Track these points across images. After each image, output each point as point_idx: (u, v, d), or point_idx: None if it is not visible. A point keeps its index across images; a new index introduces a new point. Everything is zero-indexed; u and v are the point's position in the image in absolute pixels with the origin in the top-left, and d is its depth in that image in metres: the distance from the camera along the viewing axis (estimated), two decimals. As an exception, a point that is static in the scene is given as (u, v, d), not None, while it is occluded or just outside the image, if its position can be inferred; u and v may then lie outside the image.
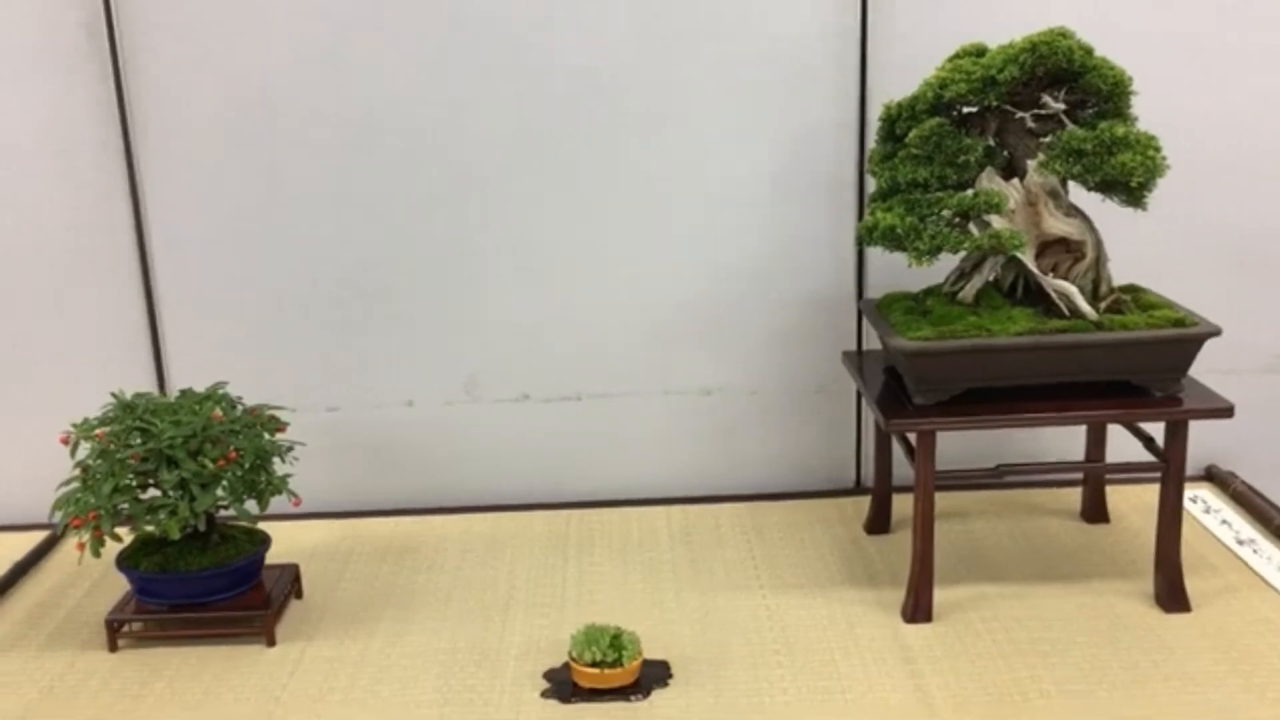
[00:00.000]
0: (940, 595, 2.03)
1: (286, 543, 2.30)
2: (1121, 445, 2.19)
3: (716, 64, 2.33)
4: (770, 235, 2.41)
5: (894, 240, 1.91)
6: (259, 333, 2.43)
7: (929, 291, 2.11)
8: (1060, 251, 2.02)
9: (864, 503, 2.38)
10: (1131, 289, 2.09)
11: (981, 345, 1.91)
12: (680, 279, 2.44)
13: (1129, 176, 1.83)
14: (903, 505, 2.28)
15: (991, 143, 1.96)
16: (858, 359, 2.30)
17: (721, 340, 2.47)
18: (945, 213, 1.90)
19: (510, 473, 2.50)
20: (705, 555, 2.28)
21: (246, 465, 1.96)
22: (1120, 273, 2.08)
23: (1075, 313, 1.95)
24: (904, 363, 1.98)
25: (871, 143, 2.12)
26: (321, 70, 2.32)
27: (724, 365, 2.49)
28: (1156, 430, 2.02)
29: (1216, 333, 1.92)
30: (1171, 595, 2.00)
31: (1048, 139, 1.93)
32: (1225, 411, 1.93)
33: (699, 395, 2.50)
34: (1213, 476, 2.51)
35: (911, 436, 1.97)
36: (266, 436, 2.04)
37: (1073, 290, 1.95)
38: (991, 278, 2.03)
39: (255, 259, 2.40)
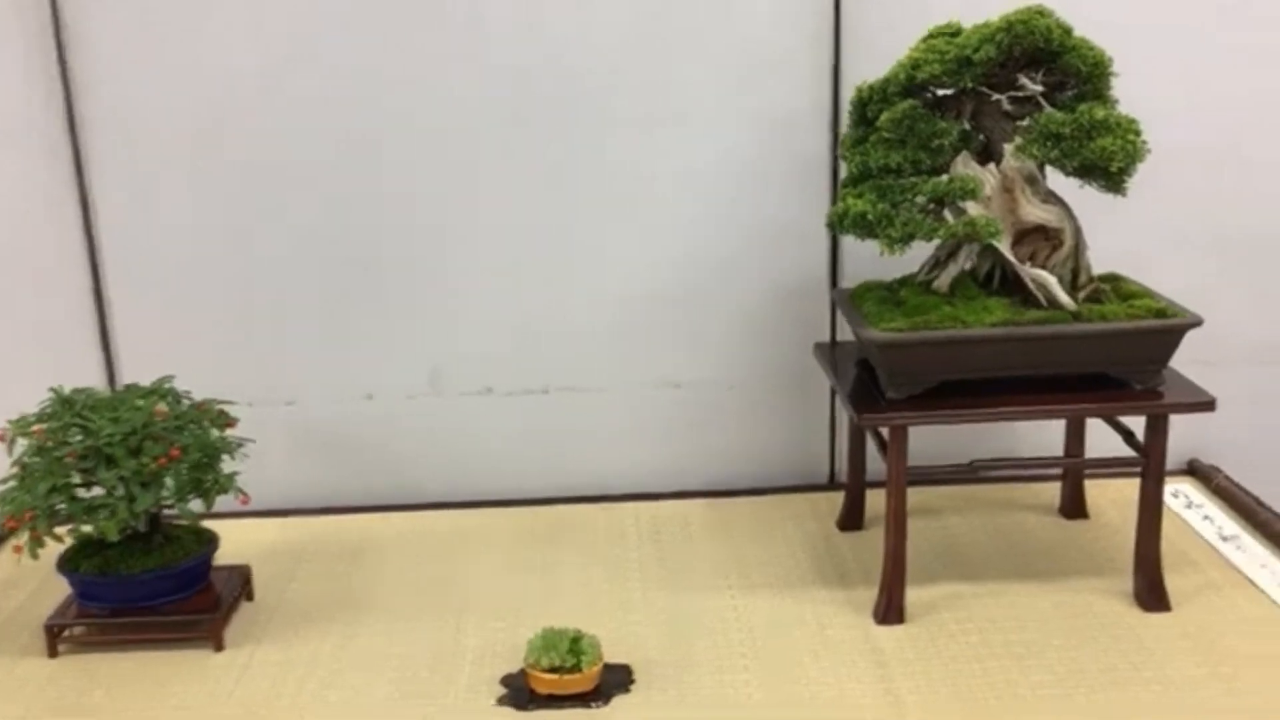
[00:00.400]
0: (913, 595, 1.97)
1: (240, 542, 2.21)
2: (1101, 439, 2.12)
3: (686, 46, 2.25)
4: (742, 223, 2.34)
5: (865, 228, 1.83)
6: (214, 325, 2.34)
7: (903, 281, 2.04)
8: (1038, 239, 1.95)
9: (838, 498, 2.32)
10: (1111, 278, 2.02)
11: (955, 337, 1.84)
12: (650, 269, 2.36)
13: (1109, 161, 1.76)
14: (877, 501, 2.20)
15: (967, 126, 1.89)
16: (831, 351, 2.22)
17: (692, 332, 2.40)
18: (918, 199, 1.83)
19: (474, 468, 2.43)
20: (673, 553, 2.20)
21: (191, 463, 1.88)
22: (1100, 261, 2.01)
23: (1053, 303, 1.88)
24: (876, 355, 1.91)
25: (845, 127, 2.04)
26: (285, 60, 2.23)
27: (695, 357, 2.41)
28: (1137, 424, 1.96)
29: (1198, 323, 1.85)
30: (1151, 594, 1.94)
31: (1025, 122, 1.86)
32: (1207, 405, 1.87)
33: (669, 388, 2.43)
34: (1195, 471, 2.45)
35: (884, 431, 1.90)
36: (215, 432, 1.96)
37: (1050, 280, 1.88)
38: (967, 266, 1.96)
39: (210, 250, 2.31)
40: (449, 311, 2.36)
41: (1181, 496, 2.34)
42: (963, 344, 1.85)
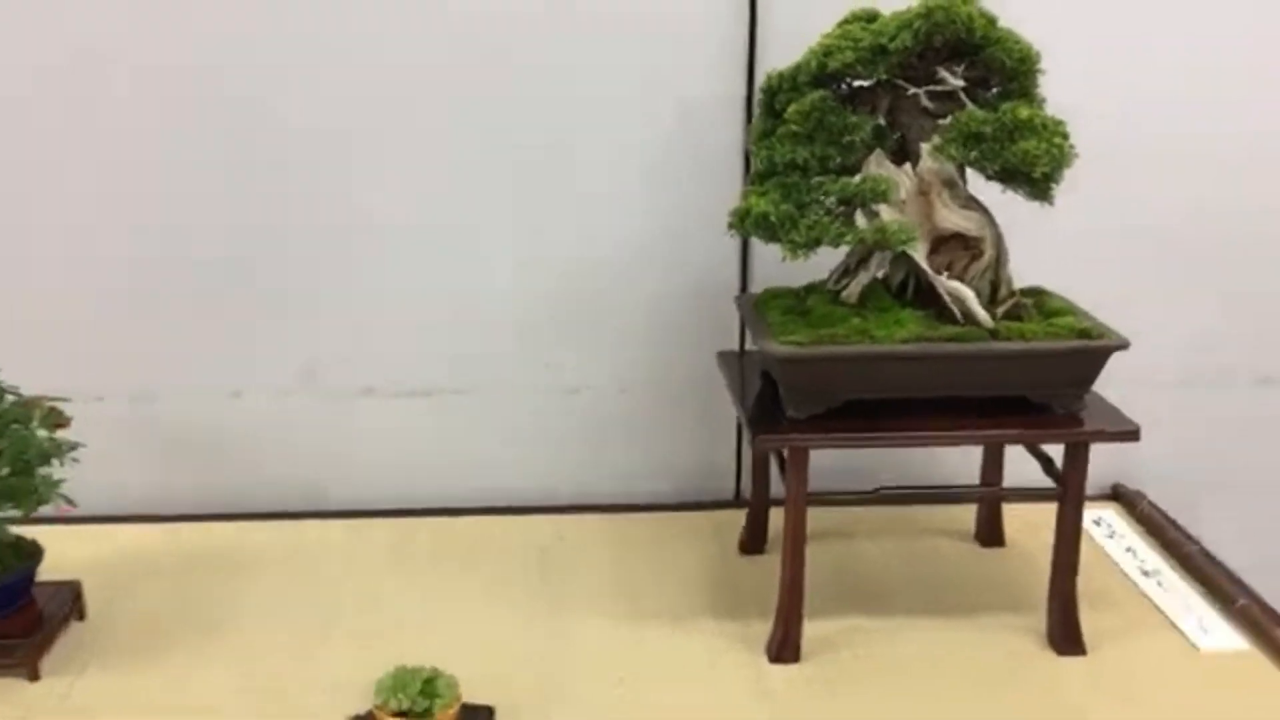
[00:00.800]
0: (812, 629, 1.81)
1: (84, 553, 2.01)
2: (1023, 460, 1.97)
3: (584, 28, 2.07)
4: (645, 220, 2.16)
5: (767, 229, 1.67)
6: (61, 312, 2.13)
7: (811, 288, 1.88)
8: (957, 248, 1.79)
9: (743, 517, 2.15)
10: (1035, 292, 1.87)
11: (862, 353, 1.68)
12: (546, 266, 2.18)
13: (1032, 166, 1.60)
14: (782, 521, 2.05)
15: (882, 122, 1.73)
16: (737, 361, 2.06)
17: (590, 335, 2.22)
18: (827, 200, 1.66)
19: (350, 475, 2.24)
20: (560, 575, 2.03)
21: (9, 467, 1.67)
22: (1027, 273, 1.86)
23: (969, 318, 1.73)
24: (777, 370, 1.74)
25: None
26: (147, 24, 2.02)
27: (592, 362, 2.24)
28: (1058, 449, 1.82)
29: (1123, 346, 1.71)
30: (1065, 635, 1.80)
31: (945, 120, 1.70)
32: (1130, 434, 1.73)
33: (564, 394, 2.25)
34: (1119, 496, 2.32)
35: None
36: (41, 433, 1.75)
37: (966, 293, 1.73)
38: (880, 275, 1.81)
39: (54, 226, 2.09)
40: (327, 306, 2.17)
41: (1104, 525, 2.21)
42: (870, 361, 1.69)
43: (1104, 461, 1.98)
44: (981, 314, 1.72)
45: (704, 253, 2.18)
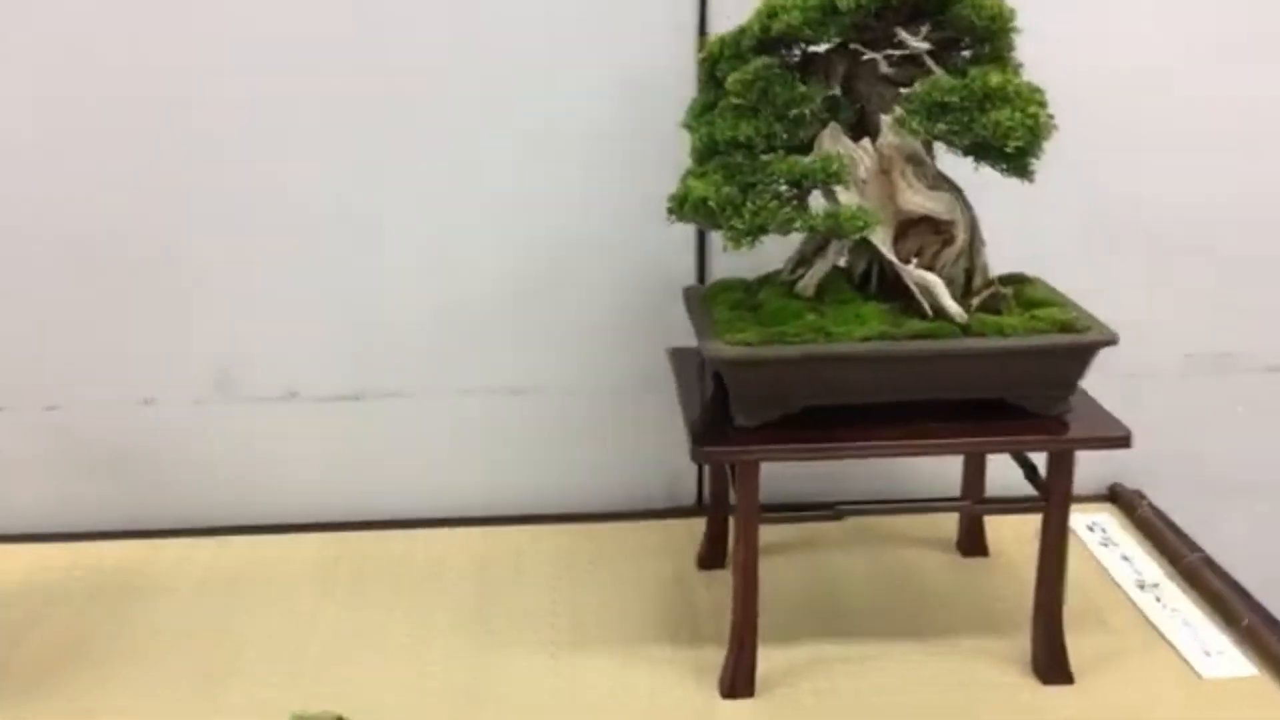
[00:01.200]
0: (771, 657, 1.63)
1: None
2: (1009, 464, 1.78)
3: (520, -12, 1.88)
4: (589, 205, 1.97)
5: (707, 215, 1.47)
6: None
7: (765, 280, 1.69)
8: (926, 232, 1.60)
9: (702, 526, 1.97)
10: (1015, 280, 1.68)
11: (816, 353, 1.49)
12: (482, 256, 1.99)
13: (1005, 138, 1.40)
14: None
15: (837, 93, 1.53)
16: (694, 358, 1.86)
17: (533, 330, 2.03)
18: (777, 183, 1.47)
19: (270, 487, 2.05)
20: (496, 595, 1.85)
21: None
22: (1009, 259, 1.67)
23: (939, 311, 1.53)
24: (723, 372, 1.55)
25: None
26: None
27: (536, 360, 2.05)
28: (1041, 455, 1.63)
29: (1111, 341, 1.51)
30: (1050, 662, 1.61)
31: (910, 89, 1.50)
32: (1119, 441, 1.54)
33: (505, 395, 2.07)
34: (1116, 497, 2.13)
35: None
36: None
37: (935, 283, 1.53)
38: (840, 264, 1.61)
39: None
40: (244, 304, 1.98)
41: (1098, 530, 2.02)
42: (826, 362, 1.50)
43: (1100, 459, 1.80)
44: (952, 306, 1.53)
45: (656, 241, 1.97)
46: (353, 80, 1.89)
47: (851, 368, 1.51)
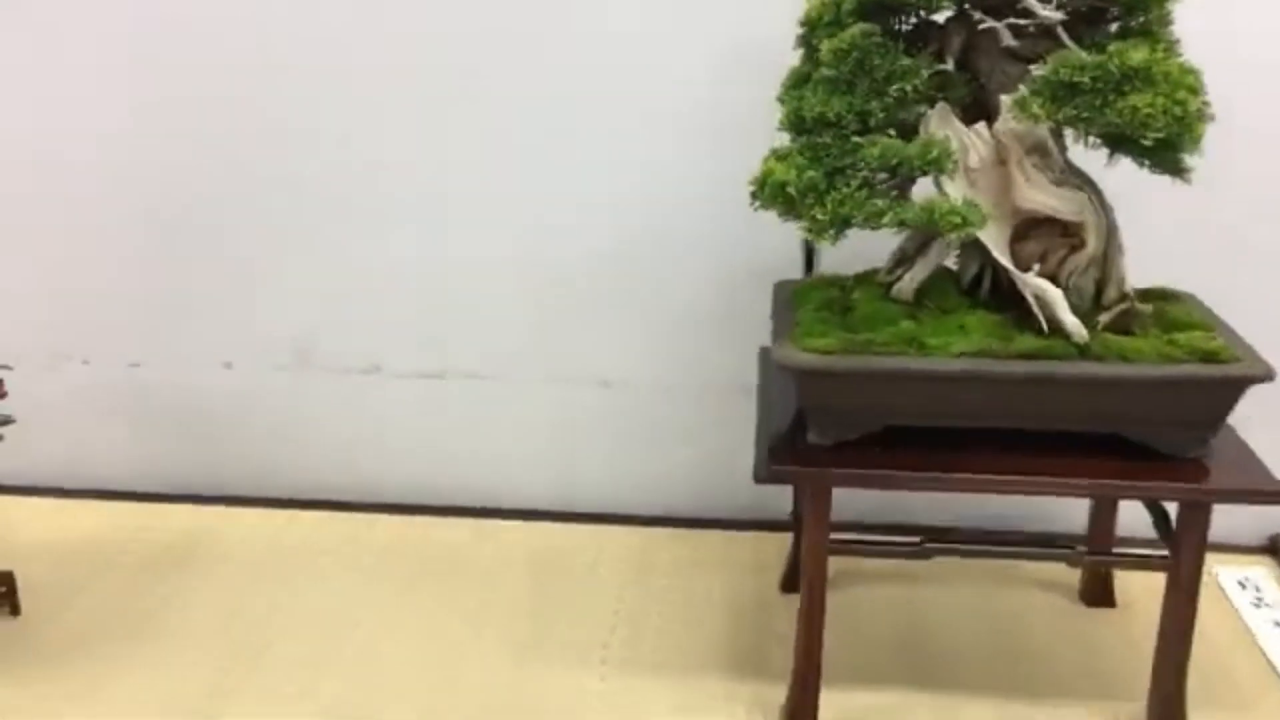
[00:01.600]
0: (841, 702, 1.45)
1: (34, 533, 1.84)
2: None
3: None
4: (696, 184, 1.80)
5: (786, 202, 1.30)
6: (49, 269, 1.93)
7: (863, 279, 1.49)
8: (1053, 235, 1.38)
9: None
10: (1162, 296, 1.44)
11: (902, 368, 1.29)
12: (577, 236, 1.85)
13: (1142, 128, 1.18)
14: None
15: (949, 67, 1.32)
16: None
17: (627, 318, 1.89)
18: (868, 169, 1.27)
19: (347, 463, 1.98)
20: (554, 599, 1.72)
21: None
22: (1157, 270, 1.44)
23: (1055, 327, 1.32)
24: (798, 382, 1.37)
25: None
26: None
27: (628, 350, 1.90)
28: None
29: (1264, 377, 1.27)
30: (1168, 749, 1.38)
31: (1037, 66, 1.28)
32: (1271, 496, 1.29)
33: (593, 386, 1.93)
34: (1277, 549, 1.85)
35: (805, 485, 1.38)
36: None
37: (1053, 294, 1.31)
38: (950, 264, 1.41)
39: (44, 179, 1.89)
40: (330, 274, 1.90)
41: (1250, 588, 1.75)
42: (916, 378, 1.30)
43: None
44: (1071, 322, 1.31)
45: (763, 226, 1.78)
46: (456, 50, 1.79)
47: (944, 387, 1.31)
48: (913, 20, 1.33)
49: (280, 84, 1.82)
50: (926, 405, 1.33)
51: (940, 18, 1.33)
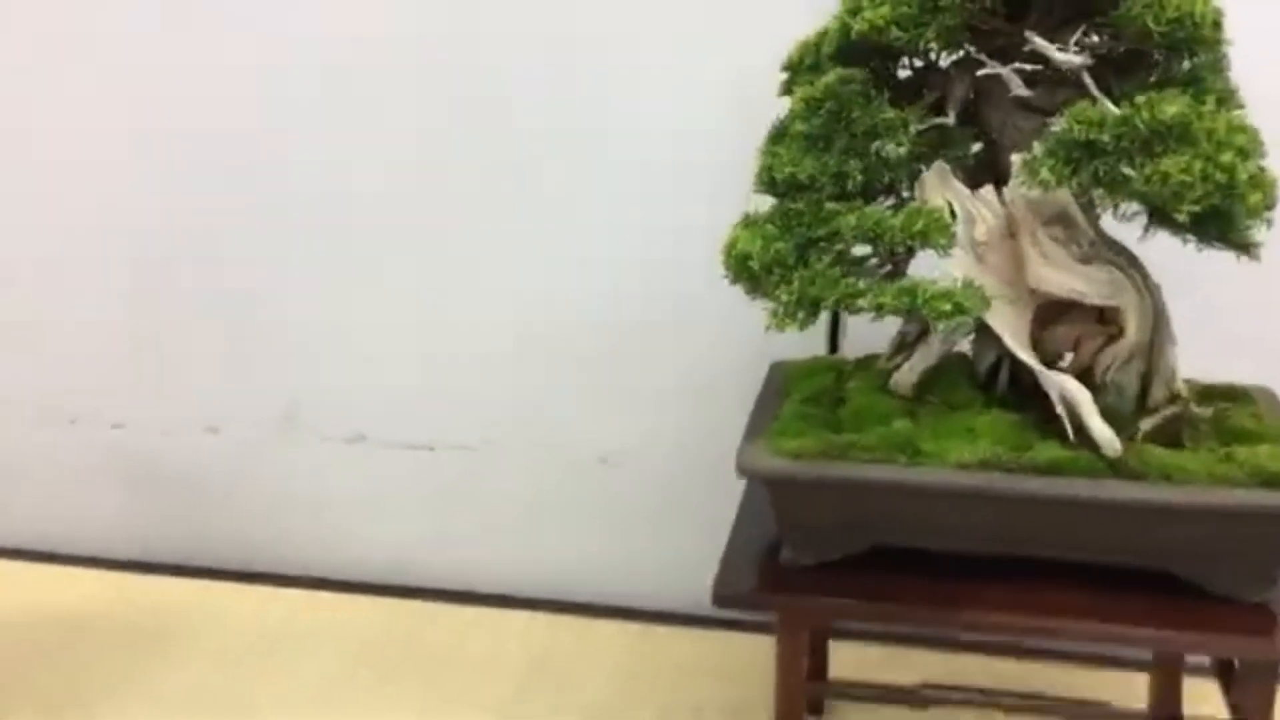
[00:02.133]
0: None
1: (20, 596, 1.75)
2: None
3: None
4: (710, 235, 1.60)
5: (749, 278, 1.09)
6: (28, 321, 1.84)
7: (864, 364, 1.27)
8: (1086, 320, 1.14)
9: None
10: (1227, 395, 1.19)
11: (891, 480, 1.07)
12: (577, 296, 1.68)
13: (1175, 199, 0.94)
14: (852, 658, 1.47)
15: (949, 120, 1.10)
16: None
17: (632, 387, 1.70)
18: (844, 242, 1.06)
19: (329, 536, 1.83)
20: (538, 702, 1.54)
21: None
22: (1223, 361, 1.19)
23: (1083, 435, 1.08)
24: (768, 491, 1.16)
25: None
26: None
27: (632, 422, 1.71)
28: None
29: (1342, 513, 1.01)
30: None
31: (1056, 119, 1.06)
32: (1350, 658, 1.03)
33: (592, 461, 1.74)
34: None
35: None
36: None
37: (1079, 394, 1.08)
38: (948, 353, 1.19)
39: (26, 228, 1.80)
40: (317, 338, 1.76)
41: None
42: (908, 493, 1.08)
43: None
44: (1100, 430, 1.07)
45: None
46: (446, 96, 1.64)
47: (944, 505, 1.08)
48: (909, 66, 1.12)
49: (259, 136, 1.70)
50: (922, 525, 1.10)
51: (944, 62, 1.11)
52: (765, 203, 1.15)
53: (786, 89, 1.17)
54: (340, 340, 1.76)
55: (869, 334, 1.31)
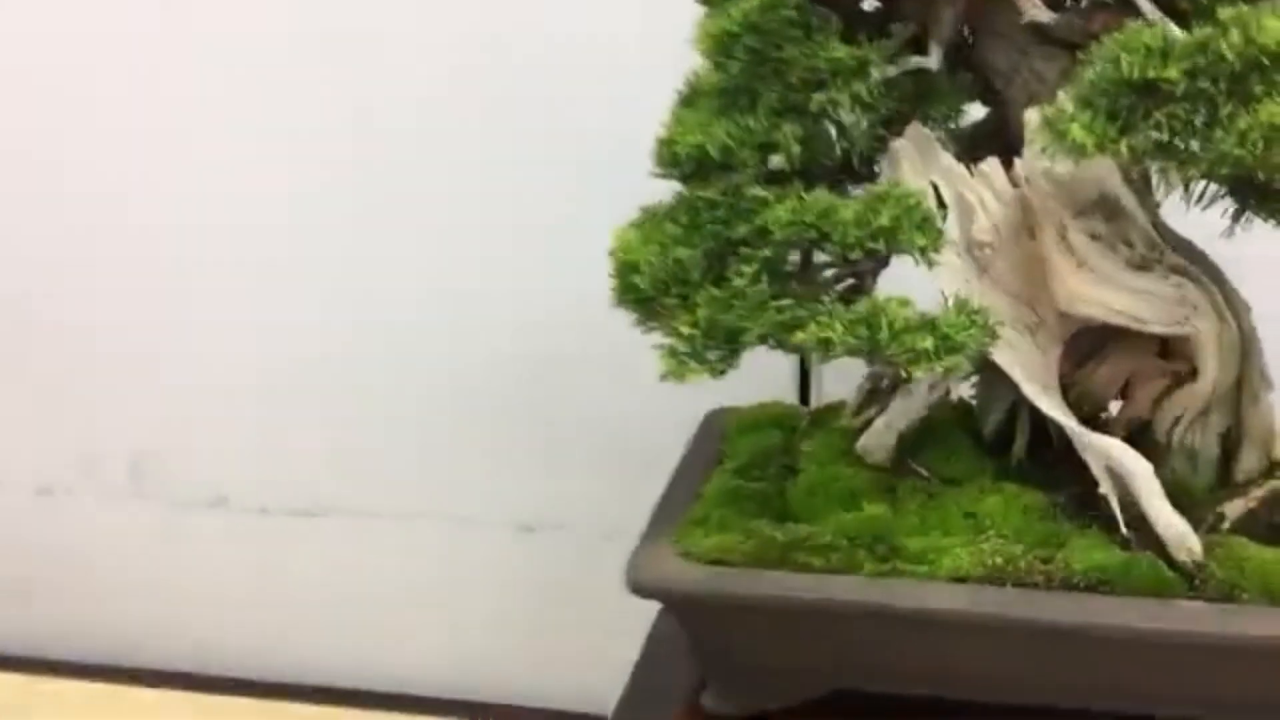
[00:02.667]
0: None
1: None
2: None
3: None
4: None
5: (638, 300, 0.74)
6: None
7: (822, 417, 0.92)
8: (1144, 351, 0.79)
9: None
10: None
11: (844, 604, 0.72)
12: (494, 332, 1.33)
13: (1269, 165, 0.58)
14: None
15: (931, 64, 0.74)
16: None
17: (559, 446, 1.36)
18: (775, 246, 0.71)
19: (182, 621, 1.48)
20: None
21: None
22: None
23: (1141, 523, 0.72)
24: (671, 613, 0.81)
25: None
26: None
27: (560, 488, 1.36)
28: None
29: None
30: None
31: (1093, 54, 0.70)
32: None
33: (514, 531, 1.39)
34: None
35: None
36: None
37: (1134, 466, 0.72)
38: (945, 400, 0.83)
39: None
40: (169, 378, 1.42)
41: None
42: (874, 622, 0.72)
43: None
44: (1167, 520, 0.71)
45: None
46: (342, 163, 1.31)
47: (933, 636, 0.72)
48: (877, -14, 0.77)
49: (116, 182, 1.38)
50: (901, 664, 0.75)
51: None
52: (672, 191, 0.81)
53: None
54: (194, 391, 1.42)
55: (856, 370, 0.97)
